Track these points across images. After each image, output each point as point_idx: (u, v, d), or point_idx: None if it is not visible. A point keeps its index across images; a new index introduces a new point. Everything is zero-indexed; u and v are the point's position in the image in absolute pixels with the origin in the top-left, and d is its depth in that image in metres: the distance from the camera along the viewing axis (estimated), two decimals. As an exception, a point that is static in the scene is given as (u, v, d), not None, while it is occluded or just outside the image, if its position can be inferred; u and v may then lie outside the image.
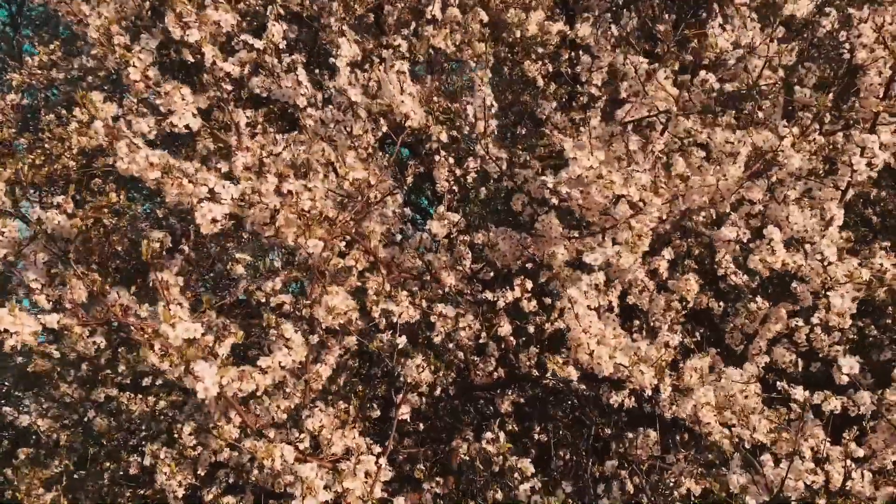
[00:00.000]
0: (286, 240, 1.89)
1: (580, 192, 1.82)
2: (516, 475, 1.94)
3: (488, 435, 2.08)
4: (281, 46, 2.23)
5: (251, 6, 3.78)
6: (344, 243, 2.02)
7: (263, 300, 2.31)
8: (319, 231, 1.71)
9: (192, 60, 1.85)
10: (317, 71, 4.00)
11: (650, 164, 2.04)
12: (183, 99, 1.75)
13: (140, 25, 1.86)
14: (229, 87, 1.94)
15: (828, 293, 1.89)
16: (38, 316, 1.55)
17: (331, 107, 2.33)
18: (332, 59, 2.47)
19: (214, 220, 1.59)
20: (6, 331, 1.46)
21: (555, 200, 1.92)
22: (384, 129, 2.29)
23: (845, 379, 1.89)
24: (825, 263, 1.85)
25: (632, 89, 1.96)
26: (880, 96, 2.26)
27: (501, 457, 1.98)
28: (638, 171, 1.80)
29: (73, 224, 1.78)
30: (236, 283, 2.72)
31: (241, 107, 2.35)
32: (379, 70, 2.36)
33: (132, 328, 1.69)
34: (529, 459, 1.99)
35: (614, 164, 1.85)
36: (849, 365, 1.87)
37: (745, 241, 2.06)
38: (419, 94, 2.29)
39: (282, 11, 2.81)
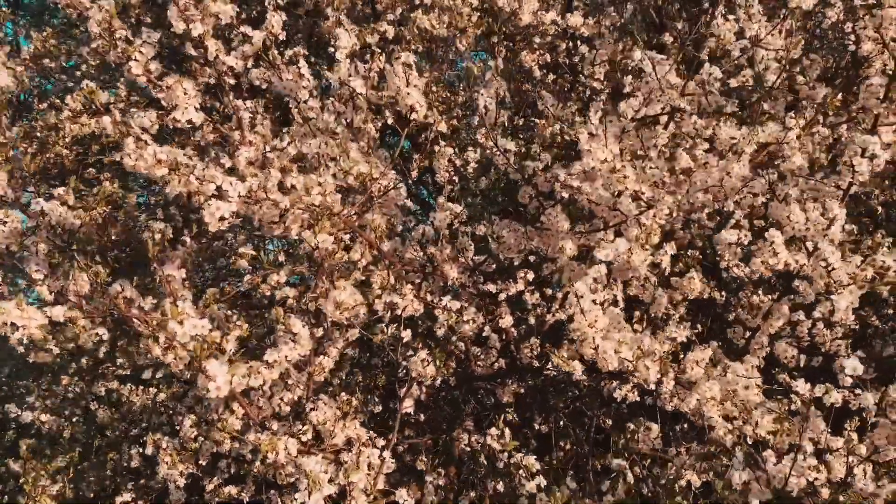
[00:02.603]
0: (290, 233, 1.88)
1: (590, 187, 1.81)
2: (521, 472, 1.94)
3: (493, 431, 2.08)
4: (281, 38, 2.21)
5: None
6: (348, 237, 2.01)
7: (269, 293, 2.30)
8: (328, 226, 1.70)
9: (195, 54, 1.83)
10: (313, 59, 3.97)
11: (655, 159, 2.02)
12: (185, 93, 1.73)
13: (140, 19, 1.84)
14: (232, 82, 1.92)
15: (831, 297, 1.88)
16: (44, 309, 1.54)
17: (332, 99, 2.31)
18: (331, 49, 2.44)
19: (223, 218, 1.58)
20: (13, 324, 1.45)
21: (564, 194, 1.90)
22: (389, 120, 2.27)
23: (849, 381, 1.87)
24: (829, 269, 1.84)
25: (649, 86, 1.94)
26: (881, 98, 2.25)
27: (506, 454, 1.98)
28: (652, 166, 1.79)
29: (77, 215, 1.77)
30: (238, 275, 2.71)
31: (239, 97, 2.33)
32: (380, 60, 2.33)
33: (135, 321, 1.68)
34: (534, 456, 1.99)
35: (626, 159, 1.84)
36: (852, 367, 1.85)
37: (745, 243, 2.05)
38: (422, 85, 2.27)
39: (280, 1, 2.78)
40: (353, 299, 1.93)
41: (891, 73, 2.23)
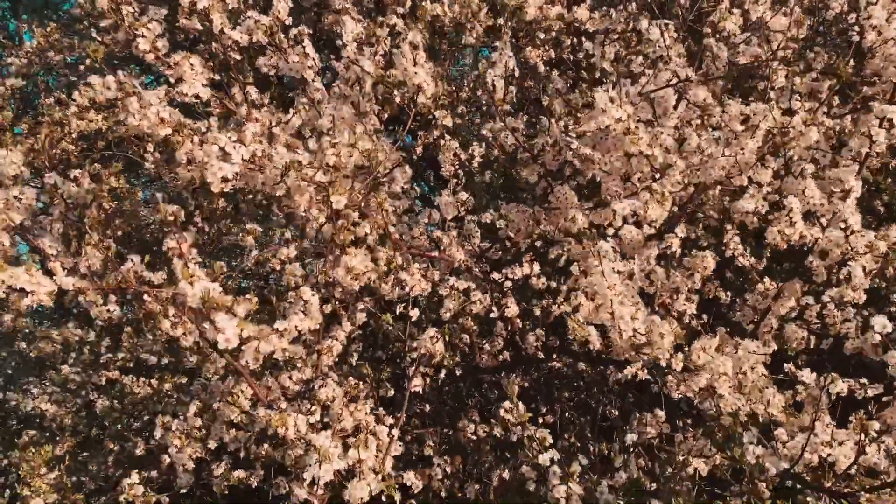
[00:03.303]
0: (298, 208, 1.87)
1: (602, 154, 1.81)
2: (535, 445, 1.92)
3: (506, 404, 2.06)
4: (287, 23, 2.22)
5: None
6: (357, 214, 2.00)
7: (278, 268, 2.29)
8: (342, 188, 1.70)
9: (201, 27, 1.83)
10: (319, 55, 3.97)
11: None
12: (192, 68, 1.73)
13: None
14: (237, 57, 1.93)
15: (849, 263, 1.87)
16: (54, 277, 1.53)
17: (337, 82, 2.32)
18: (339, 42, 2.45)
19: (225, 179, 1.58)
20: (22, 290, 1.43)
21: (576, 163, 1.90)
22: (397, 98, 2.27)
23: (877, 338, 1.84)
24: (848, 232, 1.83)
25: (656, 54, 1.94)
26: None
27: (520, 426, 1.96)
28: (663, 132, 1.78)
29: (90, 190, 1.77)
30: (245, 256, 2.70)
31: (246, 83, 2.33)
32: (385, 44, 2.34)
33: (145, 295, 1.67)
34: (548, 430, 1.98)
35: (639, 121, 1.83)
36: (881, 324, 1.83)
37: (763, 212, 2.04)
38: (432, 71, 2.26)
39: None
40: (364, 265, 1.92)
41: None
